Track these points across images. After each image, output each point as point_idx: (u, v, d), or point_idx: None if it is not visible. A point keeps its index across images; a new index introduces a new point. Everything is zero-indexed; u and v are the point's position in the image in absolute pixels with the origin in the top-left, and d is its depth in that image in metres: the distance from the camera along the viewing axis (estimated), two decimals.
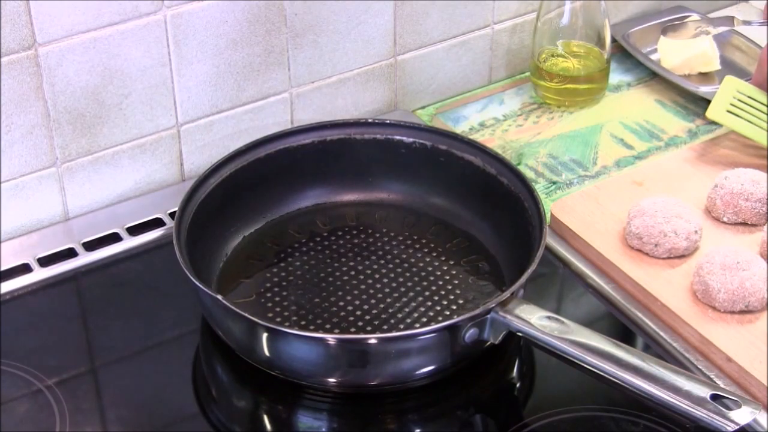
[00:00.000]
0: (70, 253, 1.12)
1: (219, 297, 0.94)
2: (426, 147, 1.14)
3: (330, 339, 0.95)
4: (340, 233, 1.13)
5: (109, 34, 1.09)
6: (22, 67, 1.06)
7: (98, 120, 1.13)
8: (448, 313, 1.03)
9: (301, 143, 1.13)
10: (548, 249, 1.12)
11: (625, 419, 0.94)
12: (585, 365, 0.90)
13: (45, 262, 1.11)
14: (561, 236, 1.14)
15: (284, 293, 1.05)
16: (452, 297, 1.05)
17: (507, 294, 0.94)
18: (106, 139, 1.15)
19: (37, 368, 0.99)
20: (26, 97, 1.08)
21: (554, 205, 1.15)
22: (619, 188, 1.17)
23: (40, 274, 1.09)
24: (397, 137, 1.15)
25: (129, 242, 1.13)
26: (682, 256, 1.07)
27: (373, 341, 0.94)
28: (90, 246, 1.13)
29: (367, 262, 1.09)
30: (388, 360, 0.94)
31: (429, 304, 1.04)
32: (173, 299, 1.06)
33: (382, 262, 1.09)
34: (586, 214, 1.14)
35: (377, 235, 1.13)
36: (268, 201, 1.14)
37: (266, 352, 0.95)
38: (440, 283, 1.07)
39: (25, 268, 1.10)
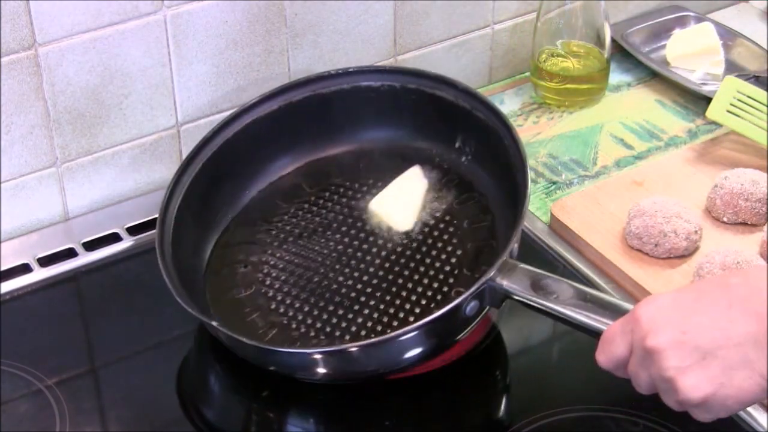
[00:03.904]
0: (70, 253, 1.12)
1: (214, 323, 0.93)
2: (395, 88, 1.11)
3: (328, 351, 0.93)
4: (327, 194, 1.10)
5: (109, 34, 1.09)
6: (22, 67, 1.06)
7: (98, 120, 1.13)
8: (448, 268, 1.01)
9: (268, 111, 1.11)
10: (548, 249, 1.13)
11: (625, 419, 0.94)
12: (592, 330, 0.87)
13: (45, 262, 1.11)
14: (561, 236, 1.14)
15: (282, 277, 1.03)
16: (450, 248, 1.03)
17: (501, 259, 0.91)
18: (106, 139, 1.15)
19: (37, 368, 0.99)
20: (26, 97, 1.08)
21: (554, 205, 1.15)
22: (619, 188, 1.17)
23: (40, 274, 1.09)
24: (364, 83, 1.12)
25: (129, 242, 1.13)
26: (682, 256, 1.07)
27: (372, 343, 0.93)
28: (90, 246, 1.13)
29: (359, 224, 1.07)
30: (388, 353, 0.92)
31: (428, 261, 1.02)
32: (173, 299, 1.06)
33: (375, 230, 1.07)
34: (586, 214, 1.14)
35: (365, 187, 1.10)
36: (247, 177, 1.11)
37: (268, 365, 0.95)
38: (436, 232, 1.04)
39: (25, 268, 1.10)
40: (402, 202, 1.08)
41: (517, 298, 0.91)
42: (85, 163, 1.15)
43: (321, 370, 0.94)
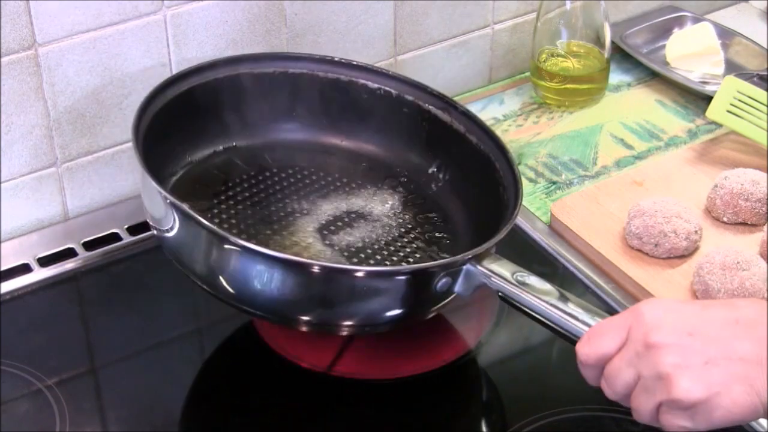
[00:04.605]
0: (70, 253, 1.12)
1: (169, 198, 0.90)
2: (391, 95, 1.10)
3: (315, 266, 0.90)
4: (290, 171, 1.09)
5: (109, 34, 1.09)
6: (22, 67, 1.06)
7: (98, 120, 1.13)
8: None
9: (261, 71, 1.09)
10: (548, 249, 1.13)
11: (625, 419, 0.94)
12: (564, 330, 0.87)
13: (45, 262, 1.11)
14: (561, 236, 1.14)
15: (232, 221, 1.02)
16: (403, 255, 1.02)
17: (485, 246, 0.91)
18: (106, 139, 1.15)
19: (37, 368, 0.99)
20: (26, 97, 1.08)
21: (554, 205, 1.15)
22: (619, 188, 1.17)
23: (40, 274, 1.09)
24: (362, 81, 1.10)
25: (129, 242, 1.13)
26: (682, 256, 1.07)
27: (359, 273, 0.91)
28: (90, 246, 1.13)
29: (315, 205, 1.06)
30: (358, 295, 0.90)
31: (378, 258, 1.01)
32: (173, 299, 1.06)
33: (332, 206, 1.06)
34: (586, 214, 1.14)
35: (329, 178, 1.09)
36: (218, 127, 1.09)
37: (226, 283, 0.91)
38: (390, 237, 1.03)
39: (25, 268, 1.10)
40: None
41: (494, 287, 0.90)
42: (85, 163, 1.15)
43: (292, 295, 0.91)
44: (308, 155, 1.12)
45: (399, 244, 1.03)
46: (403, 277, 0.91)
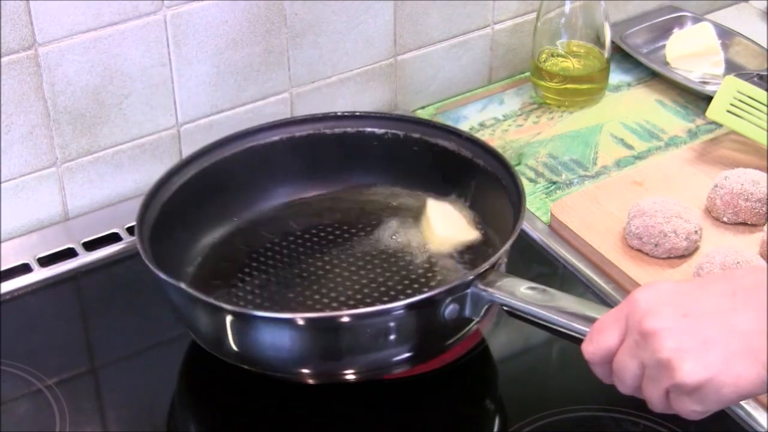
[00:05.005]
0: (70, 253, 1.12)
1: (182, 285, 0.91)
2: (398, 137, 1.11)
3: (298, 319, 0.90)
4: (314, 231, 1.09)
5: (109, 34, 1.09)
6: (22, 67, 1.06)
7: (98, 120, 1.13)
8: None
9: (269, 141, 1.10)
10: (548, 249, 1.13)
11: (625, 419, 0.94)
12: (573, 333, 0.85)
13: (45, 262, 1.11)
14: (561, 236, 1.14)
15: (256, 291, 1.02)
16: (433, 284, 1.02)
17: (486, 266, 0.91)
18: (106, 139, 1.15)
19: (37, 368, 0.99)
20: (26, 97, 1.08)
21: (554, 205, 1.15)
22: (619, 188, 1.17)
23: (40, 274, 1.09)
24: (369, 129, 1.12)
25: (129, 242, 1.13)
26: (682, 256, 1.07)
27: (344, 319, 0.90)
28: (90, 246, 1.13)
29: (342, 256, 1.06)
30: (362, 341, 0.90)
31: (409, 292, 1.01)
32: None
33: (358, 254, 1.06)
34: (586, 214, 1.14)
35: (353, 230, 1.10)
36: (236, 202, 1.10)
37: (233, 344, 0.92)
38: (420, 271, 1.03)
39: (25, 268, 1.10)
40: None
41: (502, 304, 0.90)
42: (85, 163, 1.15)
43: (297, 355, 0.91)
44: (329, 212, 1.12)
45: (425, 279, 1.03)
46: (404, 311, 0.90)
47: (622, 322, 0.75)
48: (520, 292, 0.89)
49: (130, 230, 1.14)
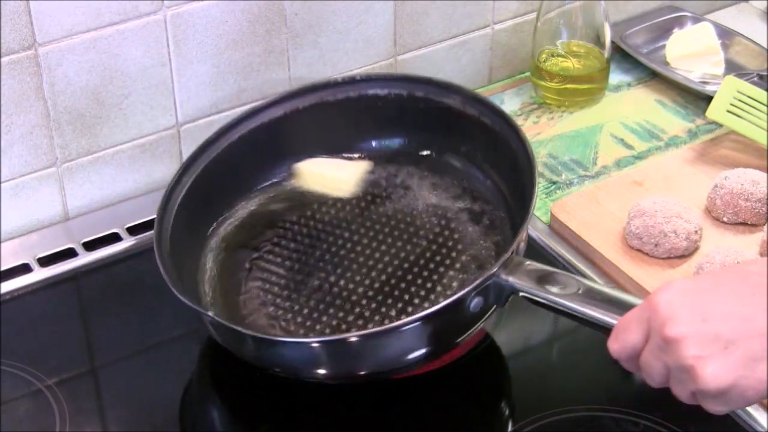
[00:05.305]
0: (70, 253, 1.12)
1: (209, 313, 0.92)
2: (402, 96, 1.11)
3: (323, 341, 0.92)
4: (330, 202, 1.09)
5: (109, 34, 1.09)
6: (22, 67, 1.06)
7: (98, 120, 1.13)
8: (455, 271, 1.00)
9: (274, 116, 1.10)
10: (548, 249, 1.13)
11: (625, 419, 0.94)
12: (599, 324, 0.85)
13: (45, 262, 1.11)
14: (561, 236, 1.14)
15: (281, 281, 1.01)
16: (455, 254, 1.02)
17: (507, 255, 0.90)
18: (106, 139, 1.15)
19: (37, 368, 0.99)
20: (26, 97, 1.08)
21: (554, 205, 1.15)
22: (619, 188, 1.17)
23: (40, 274, 1.09)
24: (371, 91, 1.11)
25: (129, 242, 1.13)
26: (682, 256, 1.07)
27: (370, 338, 0.91)
28: (90, 246, 1.13)
29: (361, 230, 1.06)
30: (386, 350, 0.91)
31: (432, 266, 1.01)
32: (173, 299, 1.05)
33: (377, 226, 1.06)
34: (586, 214, 1.14)
35: (367, 198, 1.09)
36: (248, 182, 1.10)
37: (254, 358, 0.94)
38: (441, 239, 1.03)
39: (25, 268, 1.10)
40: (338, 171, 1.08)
41: (523, 294, 0.90)
42: (85, 163, 1.15)
43: (320, 365, 0.93)
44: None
45: (446, 249, 1.03)
46: (431, 318, 0.89)
47: (645, 324, 0.76)
48: (544, 281, 0.89)
49: (130, 230, 1.14)
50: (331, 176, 1.10)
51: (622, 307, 0.83)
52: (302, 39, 1.21)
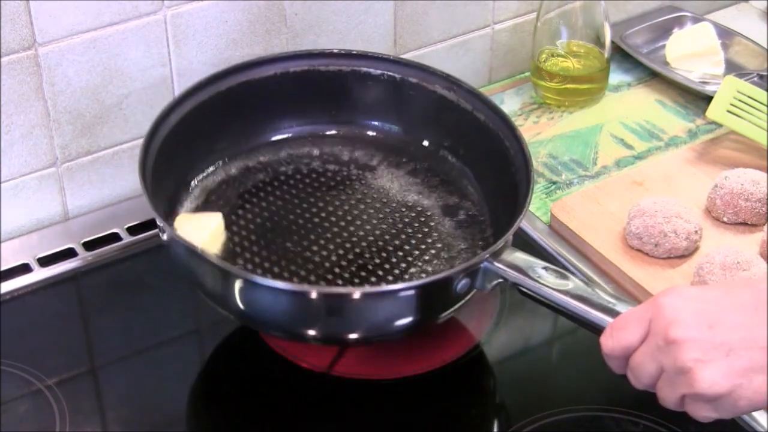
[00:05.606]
0: (70, 253, 1.12)
1: (197, 248, 0.90)
2: (395, 80, 1.10)
3: (312, 292, 0.90)
4: (305, 171, 1.09)
5: (109, 34, 1.09)
6: (22, 67, 1.06)
7: (98, 120, 1.13)
8: (427, 258, 1.00)
9: (263, 75, 1.09)
10: (548, 249, 1.13)
11: (625, 419, 0.94)
12: (587, 321, 0.86)
13: (45, 262, 1.11)
14: (561, 236, 1.14)
15: (252, 237, 1.01)
16: (430, 241, 1.02)
17: (500, 243, 0.91)
18: (106, 139, 1.15)
19: (37, 368, 0.99)
20: (26, 97, 1.08)
21: (554, 205, 1.15)
22: (619, 188, 1.17)
23: (40, 274, 1.09)
24: (364, 69, 1.11)
25: (129, 242, 1.13)
26: (682, 256, 1.07)
27: (356, 295, 0.90)
28: (90, 246, 1.13)
29: (336, 203, 1.06)
30: (374, 312, 0.90)
31: (406, 248, 1.01)
32: (173, 299, 1.06)
33: (352, 202, 1.06)
34: (586, 214, 1.14)
35: (344, 172, 1.09)
36: (227, 137, 1.09)
37: (241, 304, 0.91)
38: (416, 225, 1.03)
39: (25, 268, 1.10)
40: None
41: (512, 280, 0.90)
42: (85, 163, 1.15)
43: (310, 322, 0.91)
44: (319, 149, 1.12)
45: (420, 234, 1.03)
46: (419, 291, 0.90)
47: (645, 324, 0.76)
48: (535, 272, 0.90)
49: (130, 230, 1.14)
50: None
51: (606, 309, 0.84)
52: (302, 39, 1.21)
